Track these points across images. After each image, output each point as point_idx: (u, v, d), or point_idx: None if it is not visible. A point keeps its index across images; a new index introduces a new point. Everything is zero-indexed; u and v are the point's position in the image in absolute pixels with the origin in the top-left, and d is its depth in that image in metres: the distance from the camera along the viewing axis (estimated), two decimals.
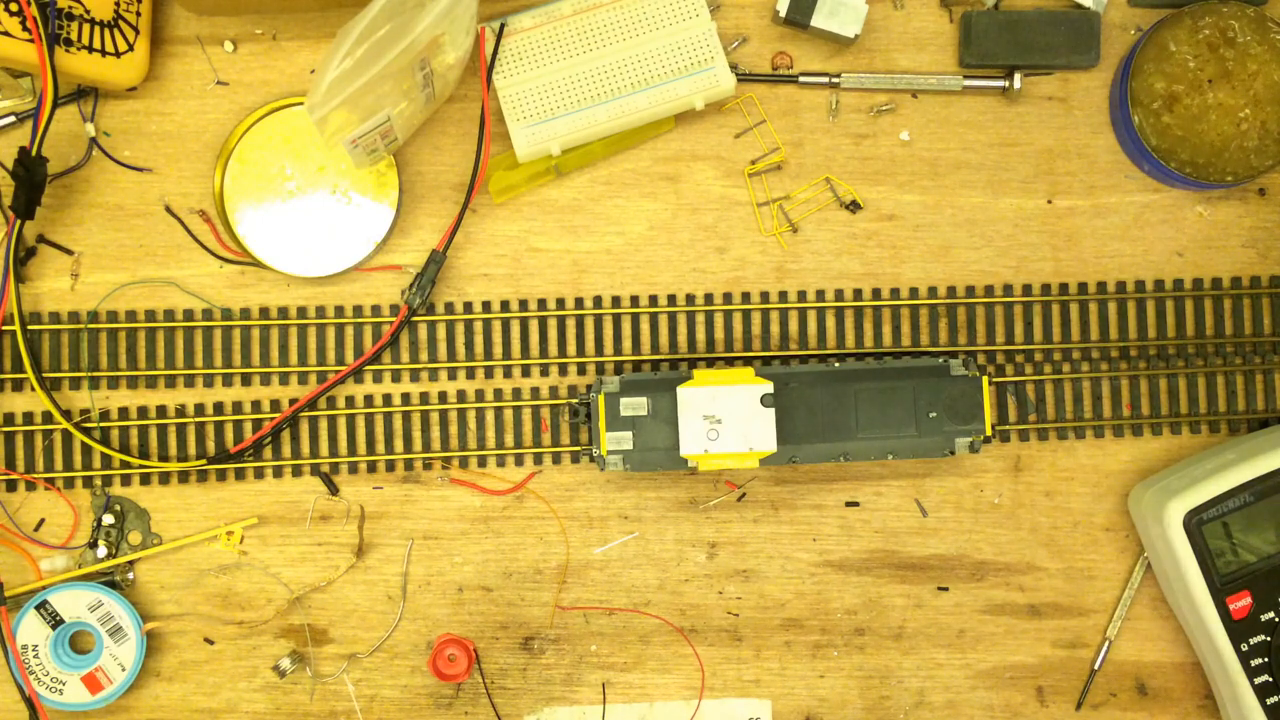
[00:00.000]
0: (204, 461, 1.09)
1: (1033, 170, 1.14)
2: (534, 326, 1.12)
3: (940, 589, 1.13)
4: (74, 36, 1.04)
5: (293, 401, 1.11)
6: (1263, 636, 1.04)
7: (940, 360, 1.08)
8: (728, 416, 1.05)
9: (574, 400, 1.12)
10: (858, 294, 1.13)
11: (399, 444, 1.12)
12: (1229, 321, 1.14)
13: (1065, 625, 1.13)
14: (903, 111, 1.14)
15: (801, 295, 1.13)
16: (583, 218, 1.13)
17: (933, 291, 1.14)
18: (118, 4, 1.06)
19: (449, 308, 1.12)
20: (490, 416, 1.12)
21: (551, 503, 1.12)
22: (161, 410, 1.11)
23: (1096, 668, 1.13)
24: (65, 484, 1.10)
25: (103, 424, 1.10)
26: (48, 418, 1.10)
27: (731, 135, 1.14)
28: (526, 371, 1.12)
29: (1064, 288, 1.14)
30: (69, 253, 1.11)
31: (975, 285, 1.14)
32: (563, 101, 1.09)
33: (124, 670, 1.08)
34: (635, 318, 1.13)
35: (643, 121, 1.10)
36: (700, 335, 1.13)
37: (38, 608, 1.07)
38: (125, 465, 1.10)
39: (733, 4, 1.13)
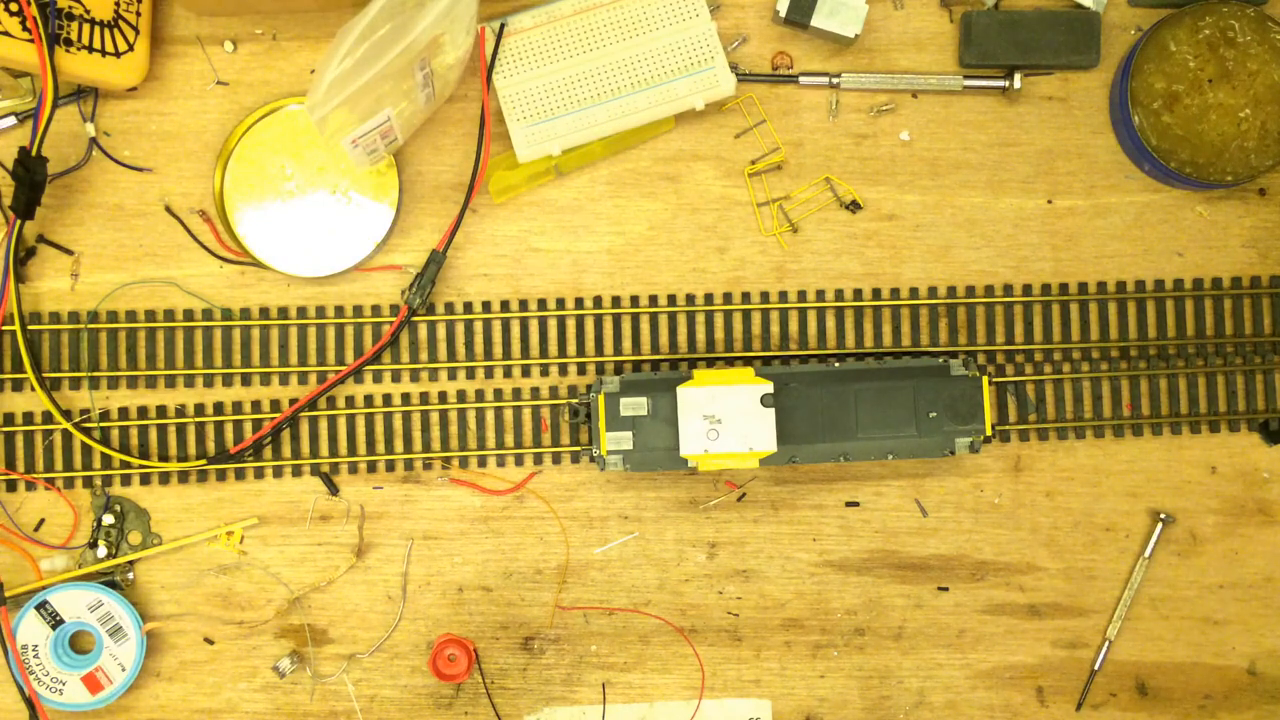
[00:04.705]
0: (204, 461, 1.09)
1: (1033, 170, 1.14)
2: (534, 326, 1.12)
3: (940, 589, 1.13)
4: (74, 36, 1.04)
5: (293, 401, 1.11)
6: None
7: (940, 360, 1.08)
8: (728, 416, 1.05)
9: (574, 400, 1.12)
10: (858, 294, 1.13)
11: (399, 444, 1.12)
12: (1229, 321, 1.14)
13: (1065, 625, 1.13)
14: (903, 111, 1.14)
15: (801, 295, 1.13)
16: (583, 218, 1.13)
17: (933, 291, 1.14)
18: (118, 4, 1.06)
19: (449, 308, 1.12)
20: (490, 416, 1.12)
21: (551, 503, 1.12)
22: (161, 410, 1.11)
23: (1096, 668, 1.13)
24: (65, 484, 1.10)
25: (103, 424, 1.10)
26: (48, 418, 1.10)
27: (731, 135, 1.14)
28: (526, 371, 1.12)
29: (1064, 288, 1.14)
30: (69, 253, 1.11)
31: (975, 285, 1.14)
32: (563, 101, 1.09)
33: (124, 670, 1.08)
34: (635, 318, 1.13)
35: (643, 121, 1.10)
36: (700, 335, 1.13)
37: (38, 608, 1.07)
38: (125, 465, 1.10)
39: (733, 4, 1.13)
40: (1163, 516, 1.13)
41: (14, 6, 1.02)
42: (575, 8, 1.10)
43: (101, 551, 1.10)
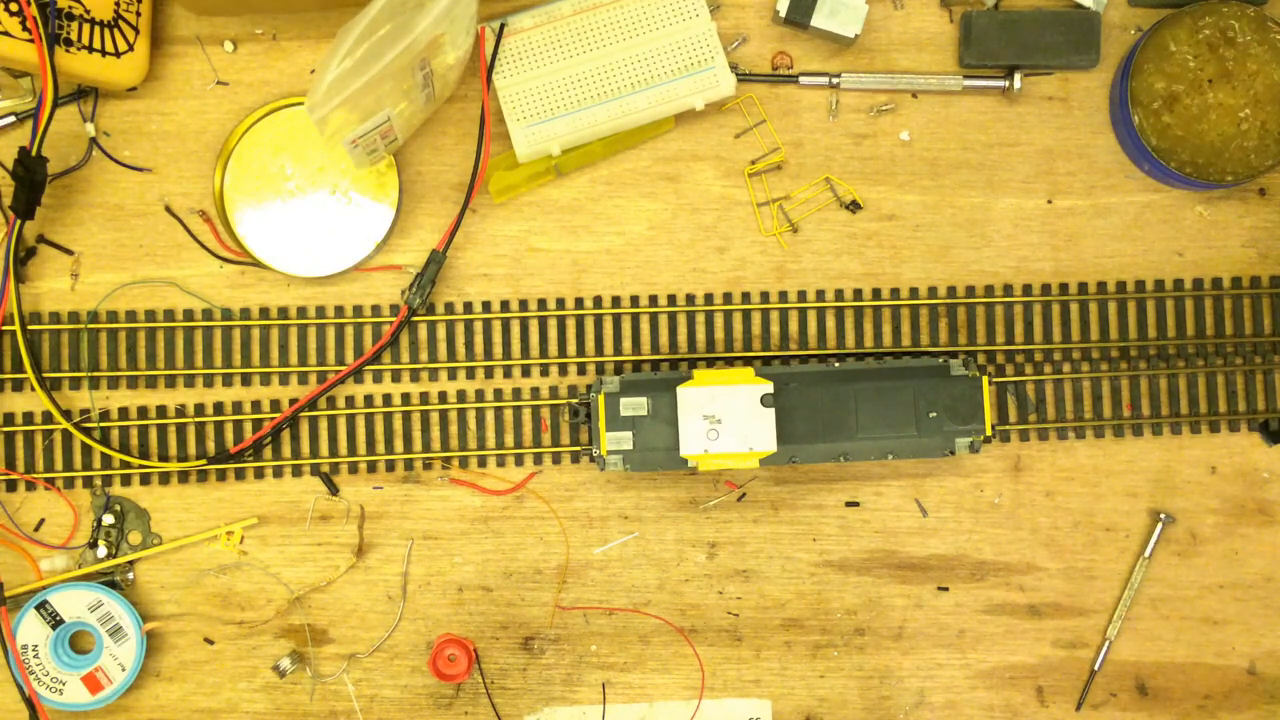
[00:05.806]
0: (204, 461, 1.09)
1: (1033, 170, 1.14)
2: (534, 326, 1.12)
3: (940, 589, 1.13)
4: (74, 36, 1.04)
5: (293, 401, 1.11)
6: None
7: (940, 360, 1.08)
8: (728, 416, 1.05)
9: (574, 400, 1.12)
10: (858, 294, 1.13)
11: (399, 444, 1.12)
12: (1229, 321, 1.14)
13: (1065, 625, 1.13)
14: (903, 111, 1.14)
15: (801, 295, 1.13)
16: (583, 218, 1.13)
17: (933, 291, 1.14)
18: (118, 4, 1.06)
19: (449, 308, 1.12)
20: (490, 416, 1.12)
21: (551, 503, 1.12)
22: (161, 410, 1.11)
23: (1096, 668, 1.13)
24: (65, 484, 1.10)
25: (103, 424, 1.10)
26: (48, 418, 1.10)
27: (731, 135, 1.14)
28: (526, 371, 1.12)
29: (1064, 288, 1.14)
30: (69, 253, 1.11)
31: (975, 285, 1.14)
32: (563, 101, 1.09)
33: (124, 670, 1.08)
34: (635, 318, 1.13)
35: (643, 121, 1.10)
36: (700, 335, 1.13)
37: (38, 608, 1.07)
38: (125, 465, 1.10)
39: (733, 4, 1.13)
40: (1163, 516, 1.13)
41: (14, 6, 1.02)
42: (575, 8, 1.10)
43: (101, 551, 1.10)
